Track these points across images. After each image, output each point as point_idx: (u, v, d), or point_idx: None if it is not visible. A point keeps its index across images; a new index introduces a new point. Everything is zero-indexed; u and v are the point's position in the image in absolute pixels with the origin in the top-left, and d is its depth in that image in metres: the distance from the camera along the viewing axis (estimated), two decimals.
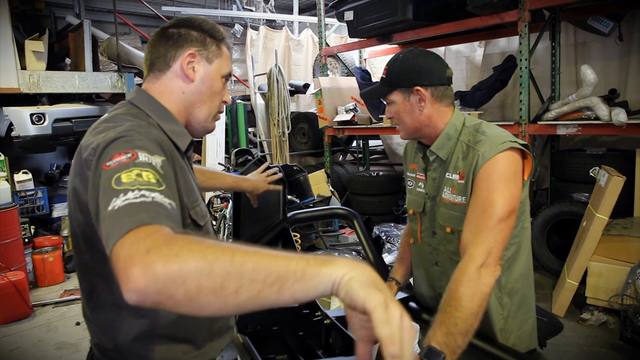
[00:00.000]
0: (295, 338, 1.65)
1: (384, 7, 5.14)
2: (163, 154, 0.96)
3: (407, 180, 1.67)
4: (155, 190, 0.83)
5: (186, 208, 1.10)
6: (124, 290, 0.70)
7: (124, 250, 0.73)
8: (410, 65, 1.47)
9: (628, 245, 3.57)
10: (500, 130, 1.42)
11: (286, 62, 8.21)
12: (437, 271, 1.55)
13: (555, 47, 5.06)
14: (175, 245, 0.71)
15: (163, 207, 0.81)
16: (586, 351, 3.26)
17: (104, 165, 0.89)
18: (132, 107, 1.14)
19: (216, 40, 1.20)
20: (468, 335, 1.15)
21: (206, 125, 1.23)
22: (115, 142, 0.93)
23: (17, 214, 4.79)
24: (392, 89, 1.47)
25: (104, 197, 0.84)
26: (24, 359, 3.54)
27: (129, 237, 0.74)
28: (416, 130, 1.51)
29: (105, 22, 8.34)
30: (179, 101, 1.17)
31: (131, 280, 0.69)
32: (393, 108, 1.50)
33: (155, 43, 1.18)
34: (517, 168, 1.34)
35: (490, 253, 1.22)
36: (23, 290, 4.21)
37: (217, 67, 1.20)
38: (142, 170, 0.86)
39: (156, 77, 1.18)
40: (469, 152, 1.40)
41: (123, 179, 0.84)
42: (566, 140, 5.35)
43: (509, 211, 1.27)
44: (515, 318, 1.50)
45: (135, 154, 0.89)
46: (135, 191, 0.81)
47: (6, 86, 5.55)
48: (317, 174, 5.66)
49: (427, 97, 1.44)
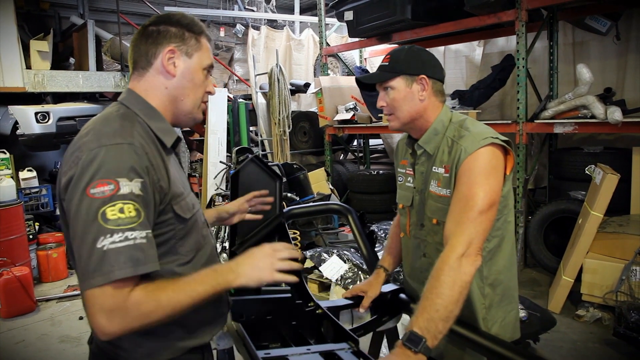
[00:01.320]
0: (288, 327, 1.70)
1: (382, 7, 5.19)
2: (143, 175, 1.08)
3: (398, 176, 1.73)
4: (135, 228, 1.03)
5: (170, 205, 1.16)
6: (92, 328, 1.04)
7: (95, 304, 1.01)
8: (416, 55, 1.53)
9: (623, 243, 3.61)
10: (483, 127, 1.47)
11: (287, 62, 8.28)
12: (425, 262, 1.60)
13: (553, 46, 5.09)
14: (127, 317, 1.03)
15: (140, 249, 1.03)
16: (580, 347, 3.30)
17: (87, 191, 1.02)
18: (122, 107, 1.21)
19: (194, 34, 1.24)
20: (449, 322, 1.20)
21: (193, 115, 1.29)
22: (97, 163, 1.05)
23: (22, 210, 4.87)
24: (396, 75, 1.51)
25: (90, 227, 1.01)
26: (28, 351, 3.61)
27: (103, 292, 1.00)
28: (411, 120, 1.54)
29: (108, 22, 8.43)
30: (163, 96, 1.23)
31: (96, 332, 1.03)
32: (391, 94, 1.52)
33: (136, 42, 1.24)
34: (497, 163, 1.40)
35: (471, 243, 1.28)
36: (27, 285, 4.28)
37: (198, 61, 1.25)
38: (123, 203, 1.03)
39: (140, 75, 1.24)
40: (453, 146, 1.45)
41: (108, 214, 1.01)
42: (564, 138, 5.39)
43: (490, 204, 1.33)
44: (498, 309, 1.55)
45: (117, 185, 1.03)
46: (119, 233, 1.01)
47: (11, 85, 5.65)
48: (317, 172, 5.71)
49: (428, 87, 1.51)
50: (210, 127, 6.45)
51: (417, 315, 1.20)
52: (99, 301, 1.00)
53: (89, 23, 6.53)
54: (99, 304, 1.01)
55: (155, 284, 1.07)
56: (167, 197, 1.14)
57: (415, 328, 1.17)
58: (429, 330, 1.17)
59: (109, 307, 1.01)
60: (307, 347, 1.44)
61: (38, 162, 7.04)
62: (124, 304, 1.02)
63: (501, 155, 1.42)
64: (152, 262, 1.05)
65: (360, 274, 4.11)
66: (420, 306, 1.22)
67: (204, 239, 1.29)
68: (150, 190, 1.09)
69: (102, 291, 1.00)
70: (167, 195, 1.14)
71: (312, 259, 4.37)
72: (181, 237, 1.19)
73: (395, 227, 1.86)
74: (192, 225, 1.23)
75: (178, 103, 1.25)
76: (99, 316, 1.01)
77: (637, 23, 4.89)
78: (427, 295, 1.22)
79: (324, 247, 4.76)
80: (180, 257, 1.19)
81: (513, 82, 5.23)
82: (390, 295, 1.83)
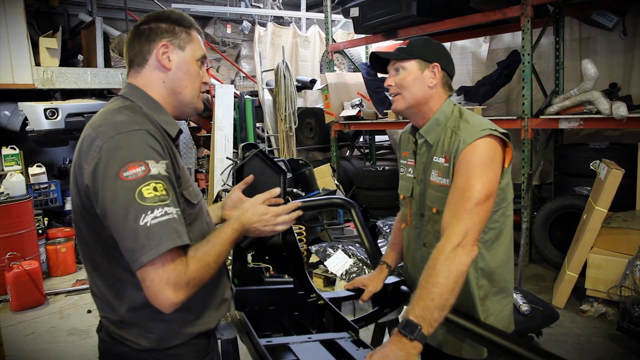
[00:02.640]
0: (291, 317, 1.73)
1: (388, 4, 5.20)
2: (165, 157, 1.13)
3: (400, 168, 1.76)
4: (169, 204, 1.08)
5: (180, 190, 1.21)
6: (158, 308, 1.09)
7: (156, 278, 1.05)
8: (434, 46, 1.59)
9: (628, 238, 3.61)
10: (483, 120, 1.50)
11: (294, 58, 8.29)
12: (425, 252, 1.62)
13: (559, 41, 5.09)
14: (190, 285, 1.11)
15: (178, 223, 1.09)
16: (584, 341, 3.32)
17: (120, 175, 1.06)
18: (126, 101, 1.25)
19: (185, 27, 1.29)
20: (444, 310, 1.22)
21: (194, 105, 1.33)
22: (123, 148, 1.09)
23: (32, 205, 4.94)
24: (412, 57, 1.55)
25: (130, 207, 1.05)
26: (37, 343, 3.68)
27: (156, 265, 1.05)
28: (416, 103, 1.57)
29: (116, 19, 8.49)
30: (162, 90, 1.28)
31: (162, 305, 1.08)
32: (402, 75, 1.55)
33: (131, 41, 1.28)
34: (495, 155, 1.42)
35: (467, 234, 1.30)
36: (37, 278, 4.36)
37: (191, 53, 1.29)
38: (156, 183, 1.08)
39: (137, 72, 1.28)
40: (452, 137, 1.48)
41: (145, 193, 1.06)
42: (570, 134, 5.37)
43: (486, 195, 1.35)
44: (493, 301, 1.56)
45: (147, 166, 1.08)
46: (159, 208, 1.06)
47: (21, 82, 5.72)
48: (322, 168, 5.74)
49: (439, 76, 1.55)
50: (217, 124, 6.50)
51: (413, 303, 1.23)
52: (163, 276, 1.05)
53: (97, 20, 6.59)
54: (163, 278, 1.05)
55: (193, 250, 1.15)
56: (179, 182, 1.20)
57: (411, 316, 1.20)
58: (425, 318, 1.19)
59: (174, 279, 1.07)
60: (308, 336, 1.47)
61: (47, 158, 7.12)
62: (185, 275, 1.09)
63: (499, 147, 1.43)
64: (187, 236, 1.11)
65: (365, 269, 4.14)
66: (416, 295, 1.25)
67: (207, 225, 1.34)
68: (172, 172, 1.15)
69: (162, 265, 1.05)
70: (180, 179, 1.20)
71: (317, 254, 4.41)
72: (190, 223, 1.24)
73: (398, 223, 1.88)
74: (199, 211, 1.29)
75: (177, 95, 1.29)
76: (166, 290, 1.06)
77: None
78: (423, 284, 1.25)
79: (329, 242, 4.79)
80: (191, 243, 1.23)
81: (519, 78, 5.23)
82: (391, 287, 1.85)
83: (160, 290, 1.06)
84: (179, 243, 1.06)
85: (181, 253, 1.10)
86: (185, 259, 1.11)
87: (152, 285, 1.06)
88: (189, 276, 1.10)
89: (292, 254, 2.00)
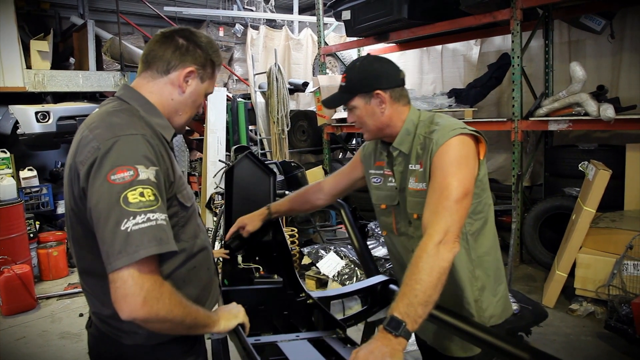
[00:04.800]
0: (280, 317, 1.75)
1: (379, 7, 5.24)
2: (156, 164, 1.14)
3: (372, 178, 1.74)
4: (155, 210, 1.08)
5: (174, 194, 1.23)
6: (118, 311, 1.06)
7: (130, 281, 1.04)
8: (367, 71, 1.57)
9: (616, 238, 3.65)
10: (453, 120, 1.53)
11: (286, 61, 8.32)
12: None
13: (549, 44, 5.14)
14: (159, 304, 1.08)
15: (162, 230, 1.08)
16: (573, 340, 3.35)
17: (108, 177, 1.07)
18: (123, 103, 1.27)
19: (214, 64, 1.35)
20: (428, 306, 1.24)
21: (180, 130, 1.39)
22: (115, 152, 1.10)
23: (23, 209, 4.92)
24: (353, 95, 1.57)
25: (112, 211, 1.05)
26: (29, 348, 3.66)
27: (130, 271, 1.04)
28: (379, 131, 1.60)
29: (108, 22, 8.47)
30: (166, 105, 1.31)
31: (126, 309, 1.05)
32: (356, 112, 1.59)
33: (161, 44, 1.29)
34: (469, 151, 1.45)
35: (447, 231, 1.32)
36: (28, 282, 4.33)
37: (206, 86, 1.36)
38: (143, 188, 1.08)
39: (153, 77, 1.30)
40: (425, 141, 1.51)
41: (130, 198, 1.06)
42: (560, 136, 5.43)
43: (464, 192, 1.38)
44: (491, 289, 1.59)
45: (136, 171, 1.08)
46: (142, 214, 1.05)
47: (12, 85, 5.69)
48: (314, 170, 5.76)
49: (386, 99, 1.55)
50: (209, 127, 6.50)
51: (397, 300, 1.25)
52: (138, 280, 1.04)
53: (89, 23, 6.57)
54: (138, 283, 1.04)
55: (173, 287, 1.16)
56: (173, 186, 1.22)
57: (395, 313, 1.22)
58: (409, 315, 1.21)
59: (148, 287, 1.06)
60: (297, 334, 1.49)
61: (38, 162, 7.07)
62: (160, 289, 1.09)
63: (472, 143, 1.46)
64: (172, 242, 1.11)
65: (357, 270, 4.16)
66: (400, 292, 1.27)
67: (198, 227, 1.37)
68: (162, 178, 1.16)
69: (138, 271, 1.05)
70: (173, 184, 1.22)
71: (309, 255, 4.42)
72: (183, 225, 1.27)
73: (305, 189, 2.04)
74: (191, 214, 1.32)
75: (176, 116, 1.33)
76: (137, 295, 1.04)
77: (631, 22, 4.93)
78: (407, 282, 1.27)
79: (322, 244, 4.80)
80: (183, 244, 1.27)
81: (509, 81, 5.28)
82: (380, 286, 1.87)
83: (132, 294, 1.04)
84: (155, 252, 1.05)
85: (155, 263, 1.09)
86: (162, 280, 1.11)
87: (124, 287, 1.04)
88: (161, 293, 1.09)
89: (281, 253, 2.02)
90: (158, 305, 1.07)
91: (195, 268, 1.32)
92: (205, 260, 1.38)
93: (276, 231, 2.16)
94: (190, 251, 1.30)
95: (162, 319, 1.09)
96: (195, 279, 1.32)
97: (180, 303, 1.14)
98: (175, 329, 1.16)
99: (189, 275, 1.30)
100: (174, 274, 1.24)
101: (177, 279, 1.24)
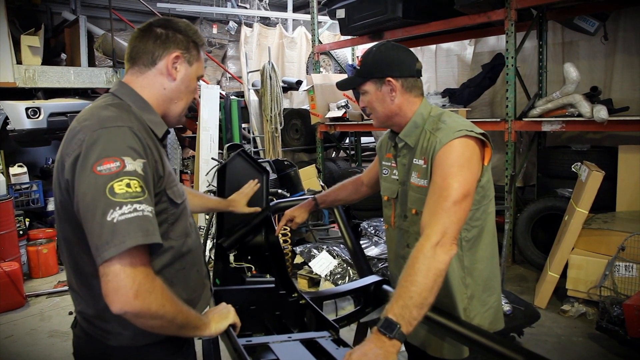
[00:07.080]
0: (272, 317, 1.73)
1: (374, 6, 5.22)
2: (144, 156, 1.13)
3: (382, 169, 1.76)
4: (142, 202, 1.06)
5: (164, 190, 1.21)
6: (109, 304, 1.04)
7: (122, 274, 1.02)
8: (382, 57, 1.57)
9: (607, 239, 3.66)
10: (460, 120, 1.51)
11: (280, 59, 8.29)
12: (408, 253, 1.62)
13: (543, 45, 5.15)
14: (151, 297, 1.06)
15: (149, 221, 1.06)
16: (564, 341, 3.36)
17: (94, 168, 1.05)
18: (115, 98, 1.26)
19: (197, 45, 1.34)
20: (423, 308, 1.22)
21: (179, 118, 1.37)
22: (101, 143, 1.08)
23: (12, 206, 4.85)
24: (366, 80, 1.58)
25: (99, 202, 1.04)
26: (17, 346, 3.62)
27: (121, 262, 1.02)
28: (387, 119, 1.61)
29: (100, 18, 8.39)
30: (159, 95, 1.30)
31: (117, 302, 1.03)
32: (366, 97, 1.61)
33: (141, 38, 1.29)
34: (472, 154, 1.43)
35: (445, 233, 1.30)
36: (17, 280, 4.28)
37: (195, 69, 1.34)
38: (129, 179, 1.06)
39: (141, 72, 1.29)
40: (430, 138, 1.49)
41: (116, 189, 1.04)
42: (553, 137, 5.44)
43: (464, 194, 1.36)
44: (480, 299, 1.58)
45: (122, 162, 1.07)
46: (128, 205, 1.04)
47: (2, 80, 5.62)
48: (307, 169, 5.74)
49: (397, 87, 1.54)
50: (202, 124, 6.46)
51: (392, 302, 1.23)
52: (130, 274, 1.03)
53: (80, 19, 6.51)
54: (130, 276, 1.03)
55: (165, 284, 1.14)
56: (162, 182, 1.20)
57: (390, 314, 1.20)
58: (404, 317, 1.19)
59: (140, 280, 1.04)
60: (289, 335, 1.47)
61: (29, 158, 7.01)
62: (152, 282, 1.07)
63: (476, 146, 1.44)
64: (158, 235, 1.08)
65: (349, 270, 4.15)
66: (395, 293, 1.25)
67: (190, 226, 1.35)
68: (150, 172, 1.14)
69: (130, 264, 1.03)
70: (163, 179, 1.20)
71: (302, 254, 4.40)
72: (172, 222, 1.25)
73: (349, 181, 2.10)
74: (182, 211, 1.30)
75: (172, 104, 1.32)
76: (129, 288, 1.03)
77: (624, 24, 4.94)
78: (402, 283, 1.25)
79: (314, 243, 4.79)
80: (171, 242, 1.24)
81: (503, 81, 5.28)
82: (373, 286, 1.86)
83: (124, 287, 1.03)
84: (141, 242, 1.03)
85: (144, 254, 1.07)
86: (154, 274, 1.10)
87: (116, 280, 1.03)
88: (154, 286, 1.07)
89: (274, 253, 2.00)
90: (150, 299, 1.06)
91: (184, 269, 1.30)
92: (195, 261, 1.35)
93: (269, 230, 2.14)
94: (179, 250, 1.27)
95: (154, 314, 1.07)
96: (184, 281, 1.30)
97: (172, 299, 1.13)
98: (166, 327, 1.14)
99: (177, 275, 1.27)
100: (160, 274, 1.20)
101: (163, 279, 1.20)
